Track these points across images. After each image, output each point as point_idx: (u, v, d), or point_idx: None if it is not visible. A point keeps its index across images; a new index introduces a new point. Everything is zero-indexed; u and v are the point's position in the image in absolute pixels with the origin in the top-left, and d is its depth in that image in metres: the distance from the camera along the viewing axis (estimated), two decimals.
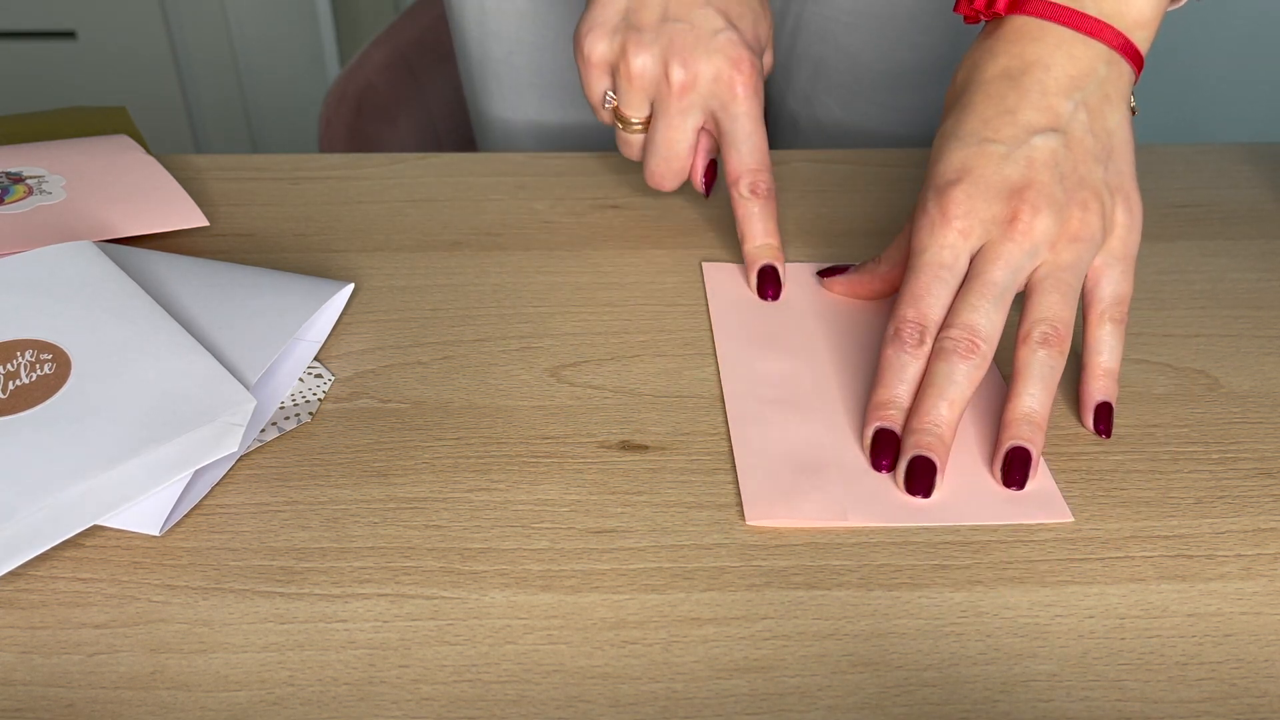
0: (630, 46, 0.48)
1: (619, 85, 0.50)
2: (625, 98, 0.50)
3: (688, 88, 0.48)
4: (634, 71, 0.48)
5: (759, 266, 0.50)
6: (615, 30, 0.49)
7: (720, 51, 0.48)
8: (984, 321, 0.40)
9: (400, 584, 0.35)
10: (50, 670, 0.32)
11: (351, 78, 0.86)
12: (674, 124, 0.49)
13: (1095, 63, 0.43)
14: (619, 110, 0.51)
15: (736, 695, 0.32)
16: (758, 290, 0.49)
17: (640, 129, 0.51)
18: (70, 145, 0.58)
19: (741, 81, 0.48)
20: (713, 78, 0.48)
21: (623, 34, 0.48)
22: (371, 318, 0.48)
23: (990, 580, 0.36)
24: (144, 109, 1.72)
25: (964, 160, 0.42)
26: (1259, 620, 0.35)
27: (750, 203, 0.49)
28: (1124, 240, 0.43)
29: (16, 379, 0.38)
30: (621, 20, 0.49)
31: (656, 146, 0.51)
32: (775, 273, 0.50)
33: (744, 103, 0.48)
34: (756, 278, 0.50)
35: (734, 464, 0.40)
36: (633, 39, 0.48)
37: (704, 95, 0.48)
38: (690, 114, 0.49)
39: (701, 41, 0.48)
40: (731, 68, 0.48)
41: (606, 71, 0.50)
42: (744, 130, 0.49)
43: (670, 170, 0.51)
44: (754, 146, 0.49)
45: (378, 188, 0.59)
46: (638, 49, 0.48)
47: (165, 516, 0.37)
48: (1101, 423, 0.42)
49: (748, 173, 0.49)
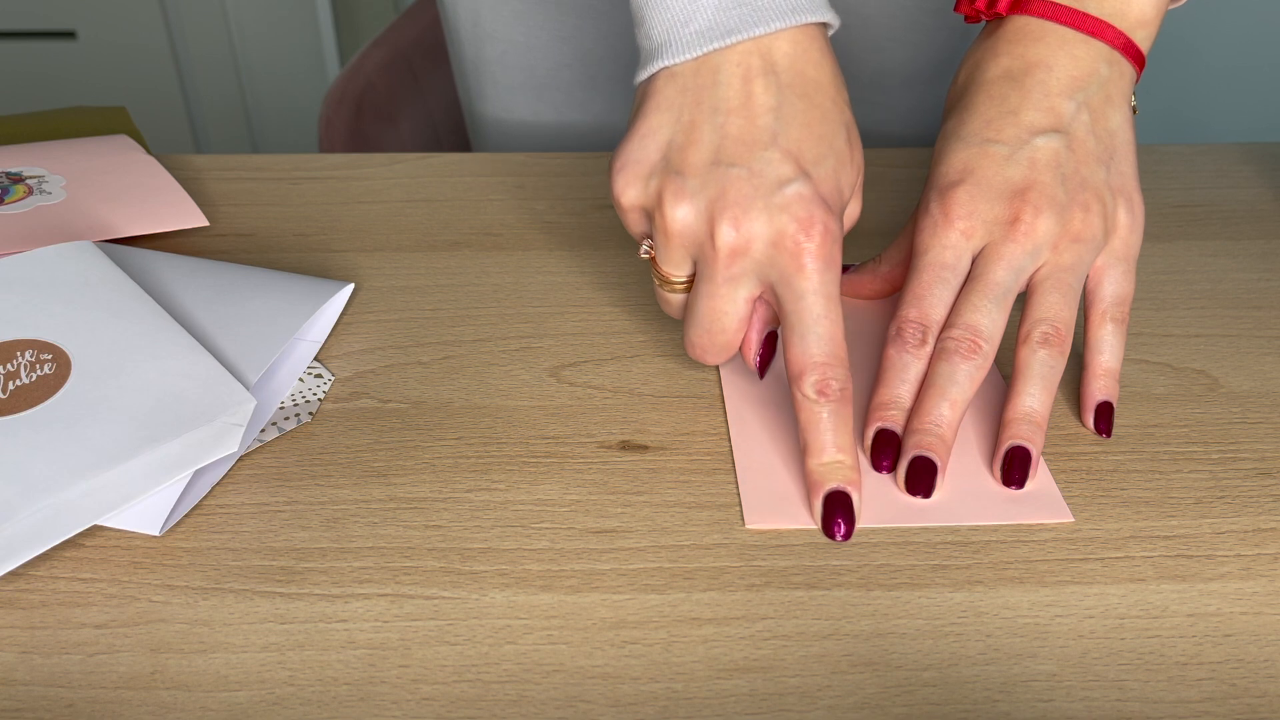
0: (669, 195, 0.38)
1: (656, 239, 0.40)
2: (662, 254, 0.40)
3: (739, 254, 0.38)
4: (672, 226, 0.39)
5: (827, 491, 0.38)
6: (653, 172, 0.39)
7: (786, 210, 0.37)
8: (986, 322, 0.40)
9: (400, 584, 0.35)
10: (50, 670, 0.32)
11: (351, 78, 0.86)
12: (719, 294, 0.39)
13: (1097, 63, 0.43)
14: (655, 264, 0.41)
15: (736, 695, 0.32)
16: (823, 523, 0.38)
17: (682, 289, 0.41)
18: (70, 145, 0.58)
19: (812, 252, 0.37)
20: (772, 243, 0.38)
21: (660, 178, 0.39)
22: (371, 318, 0.48)
23: (990, 580, 0.36)
24: (144, 109, 1.72)
25: (966, 161, 0.42)
26: (1259, 620, 0.35)
27: (817, 407, 0.38)
28: (1125, 241, 0.43)
29: (16, 379, 0.38)
30: (662, 160, 0.39)
31: (698, 317, 0.40)
32: (849, 501, 0.38)
33: (813, 277, 0.38)
34: (823, 505, 0.38)
35: (734, 464, 0.40)
36: (672, 185, 0.38)
37: (760, 263, 0.38)
38: (741, 284, 0.39)
39: (761, 195, 0.37)
40: (799, 231, 0.37)
41: (643, 216, 0.41)
42: (812, 313, 0.38)
43: (714, 344, 0.41)
44: (822, 334, 0.38)
45: (378, 188, 0.59)
46: (678, 199, 0.38)
47: (165, 516, 0.37)
48: (1102, 422, 0.42)
49: (814, 368, 0.38)
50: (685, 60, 0.38)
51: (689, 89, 0.39)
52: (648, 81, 0.40)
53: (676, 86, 0.39)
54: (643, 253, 0.42)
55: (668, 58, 0.39)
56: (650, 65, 0.39)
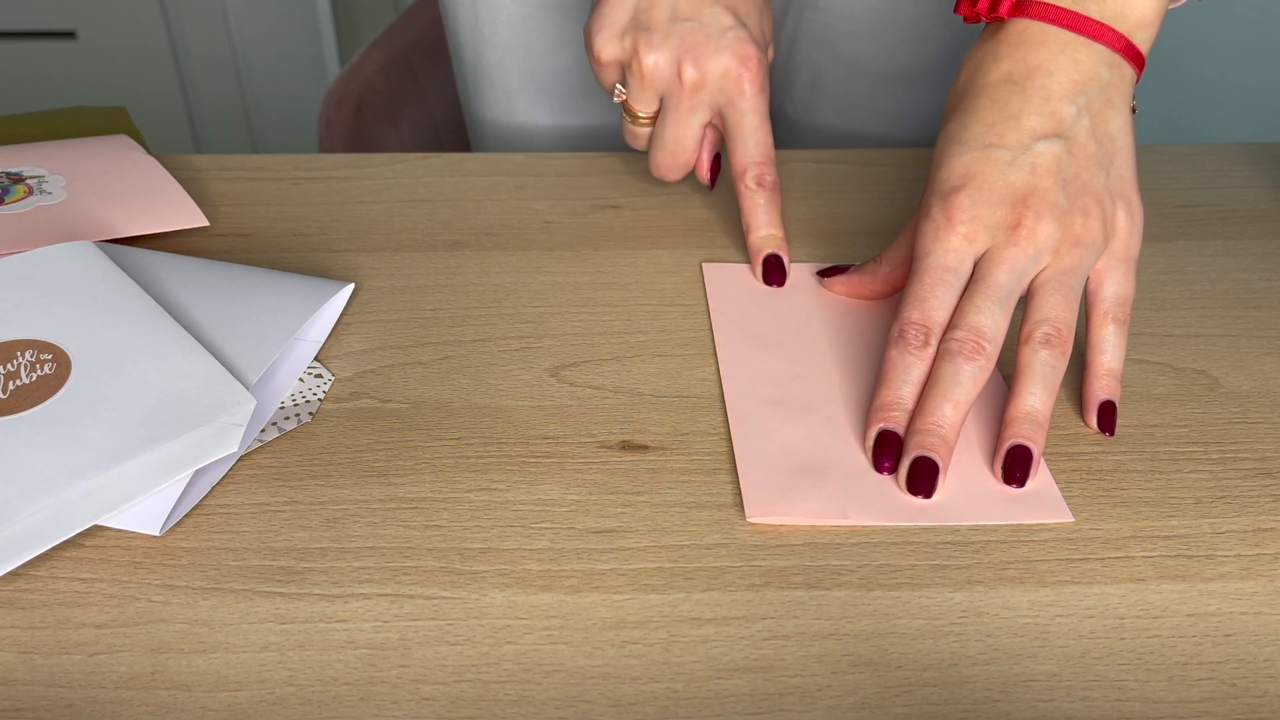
0: (641, 46, 0.49)
1: (630, 83, 0.51)
2: (636, 95, 0.51)
3: (699, 86, 0.49)
4: (646, 71, 0.49)
5: (764, 255, 0.51)
6: (625, 30, 0.50)
7: (729, 49, 0.49)
8: (989, 323, 0.40)
9: (400, 584, 0.35)
10: (50, 670, 0.32)
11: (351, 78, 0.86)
12: (683, 120, 0.51)
13: (1098, 67, 0.43)
14: (627, 104, 0.52)
15: (736, 695, 0.32)
16: (763, 278, 0.51)
17: (648, 123, 0.53)
18: (70, 145, 0.58)
19: (749, 78, 0.49)
20: (722, 74, 0.49)
21: (633, 34, 0.49)
22: (371, 318, 0.48)
23: (990, 580, 0.36)
24: (144, 109, 1.72)
25: (968, 165, 0.42)
26: (1259, 620, 0.35)
27: (756, 194, 0.51)
28: (1125, 243, 0.43)
29: (16, 379, 0.38)
30: (631, 20, 0.50)
31: (664, 141, 0.52)
32: (780, 261, 0.51)
33: (751, 99, 0.50)
34: (762, 267, 0.51)
35: (734, 464, 0.40)
36: (644, 39, 0.49)
37: (713, 93, 0.50)
38: (699, 111, 0.51)
39: (711, 40, 0.49)
40: (740, 65, 0.49)
41: (618, 69, 0.51)
42: (750, 125, 0.50)
43: (676, 163, 0.53)
44: (759, 141, 0.50)
45: (378, 188, 0.59)
46: (649, 49, 0.49)
47: (165, 516, 0.37)
48: (1105, 421, 0.42)
49: (754, 165, 0.51)
50: None
51: None
52: None
53: None
54: (615, 97, 0.52)
55: None
56: None
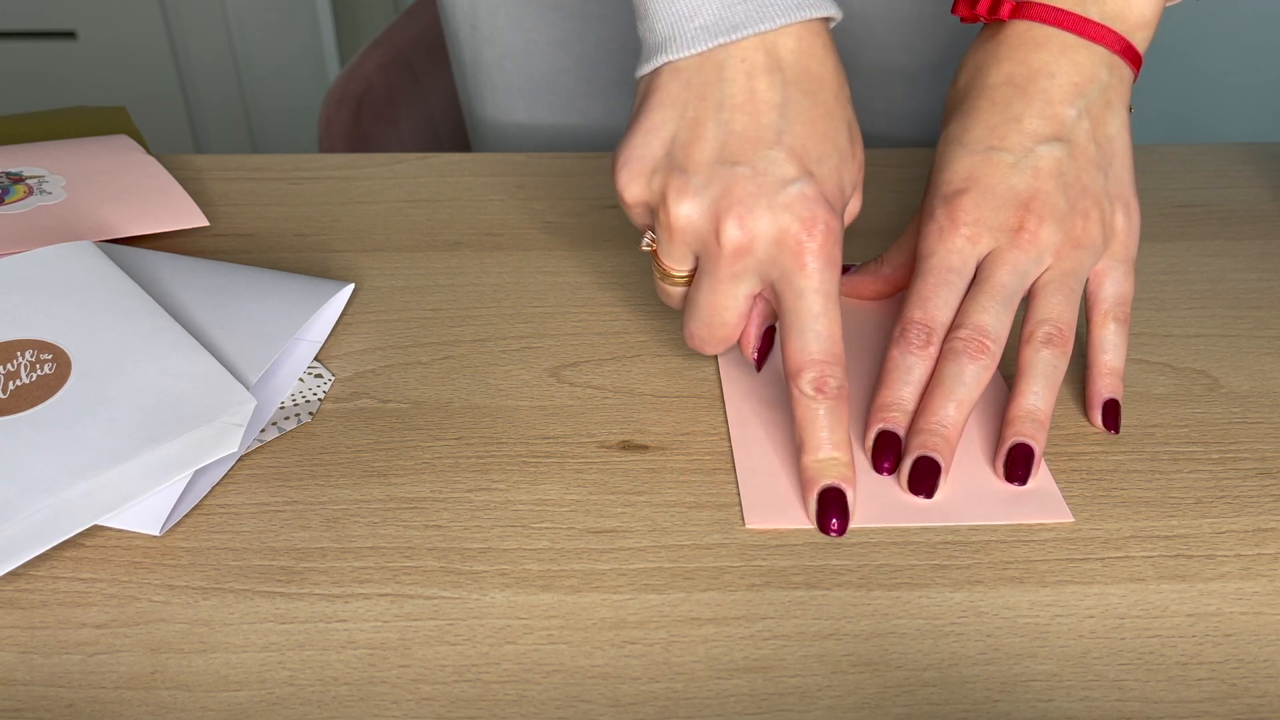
0: (672, 193, 0.39)
1: (659, 233, 0.40)
2: (665, 249, 0.40)
3: (742, 252, 0.38)
4: (676, 223, 0.39)
5: (822, 487, 0.38)
6: (657, 168, 0.39)
7: (789, 210, 0.38)
8: (993, 323, 0.40)
9: (400, 584, 0.35)
10: (50, 670, 0.32)
11: (351, 78, 0.86)
12: (721, 290, 0.40)
13: (1098, 68, 0.43)
14: (657, 257, 0.41)
15: (736, 695, 0.32)
16: (818, 519, 0.38)
17: (683, 282, 0.42)
18: (70, 145, 0.58)
19: (813, 250, 0.38)
20: (775, 241, 0.38)
21: (664, 175, 0.39)
22: (371, 318, 0.48)
23: (990, 580, 0.36)
24: (144, 109, 1.72)
25: (971, 168, 0.42)
26: (1259, 620, 0.35)
27: (814, 404, 0.39)
28: (1124, 244, 0.43)
29: (16, 379, 0.38)
30: (665, 156, 0.39)
31: (699, 310, 0.41)
32: (843, 498, 0.38)
33: (814, 276, 0.38)
34: (818, 501, 0.38)
35: (734, 464, 0.40)
36: (676, 183, 0.39)
37: (762, 262, 0.39)
38: (742, 280, 0.39)
39: (765, 194, 0.38)
40: (802, 231, 0.38)
41: (646, 211, 0.41)
42: (811, 311, 0.38)
43: (713, 337, 0.42)
44: (821, 332, 0.38)
45: (378, 188, 0.59)
46: (681, 196, 0.38)
47: (165, 516, 0.37)
48: (1110, 419, 0.42)
49: (812, 365, 0.38)
50: (689, 55, 0.38)
51: (693, 84, 0.38)
52: (651, 76, 0.40)
53: (680, 82, 0.39)
54: (645, 245, 0.42)
55: (672, 52, 0.38)
56: (653, 59, 0.39)
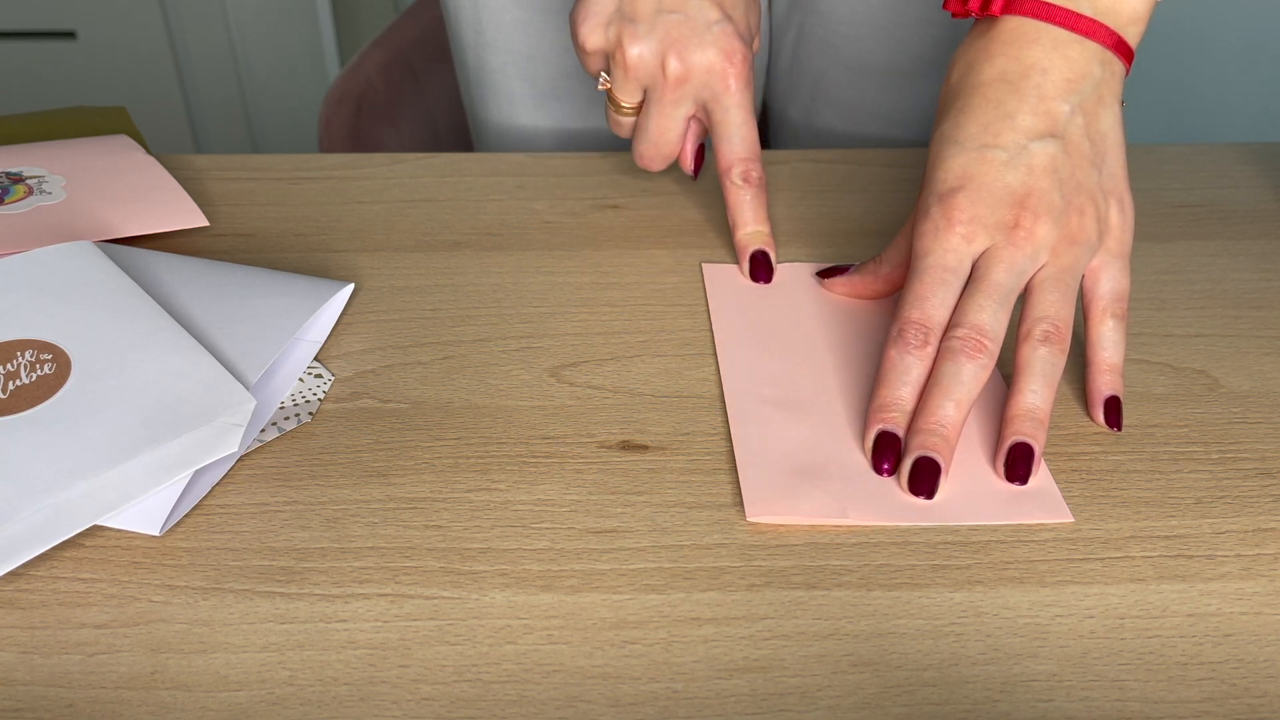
0: (626, 38, 0.49)
1: (614, 73, 0.51)
2: (619, 85, 0.51)
3: (682, 80, 0.49)
4: (629, 63, 0.49)
5: (751, 251, 0.51)
6: (610, 20, 0.50)
7: (714, 44, 0.49)
8: (990, 321, 0.40)
9: (400, 584, 0.35)
10: (50, 670, 0.32)
11: (351, 78, 0.86)
12: (666, 113, 0.51)
13: (1090, 64, 0.43)
14: (611, 93, 0.52)
15: (736, 695, 0.32)
16: (750, 274, 0.51)
17: (632, 112, 0.53)
18: (70, 145, 0.58)
19: (734, 74, 0.49)
20: (706, 69, 0.49)
21: (618, 24, 0.49)
22: (371, 318, 0.48)
23: (990, 580, 0.36)
24: (144, 109, 1.72)
25: (965, 166, 0.42)
26: (1259, 620, 0.35)
27: (742, 190, 0.51)
28: (1119, 239, 0.43)
29: (16, 379, 0.38)
30: (616, 10, 0.50)
31: (648, 133, 0.52)
32: (767, 258, 0.51)
33: (736, 94, 0.50)
34: (749, 263, 0.51)
35: (734, 464, 0.40)
36: (628, 30, 0.49)
37: (697, 87, 0.50)
38: (682, 104, 0.51)
39: (696, 33, 0.49)
40: (725, 60, 0.49)
41: (602, 58, 0.52)
42: (735, 121, 0.50)
43: (659, 154, 0.53)
44: (744, 136, 0.50)
45: (378, 188, 0.59)
46: (633, 40, 0.49)
47: (165, 516, 0.37)
48: (1112, 416, 0.42)
49: (739, 161, 0.50)
50: None
51: None
52: None
53: None
54: (600, 85, 0.52)
55: None
56: None
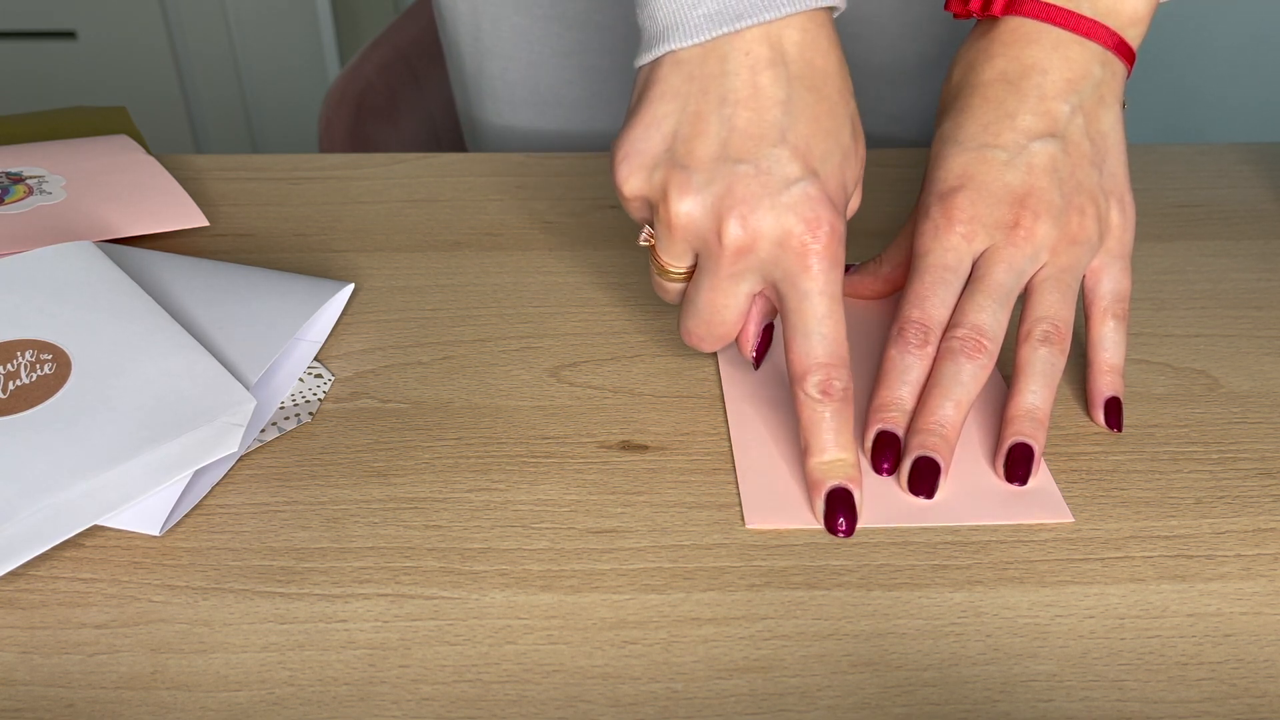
0: (674, 190, 0.38)
1: (658, 230, 0.39)
2: (664, 246, 0.40)
3: (744, 252, 0.38)
4: (676, 220, 0.38)
5: (829, 489, 0.38)
6: (657, 164, 0.38)
7: (792, 210, 0.37)
8: (990, 321, 0.40)
9: (400, 584, 0.35)
10: (50, 670, 0.32)
11: (351, 78, 0.86)
12: (721, 288, 0.39)
13: (1091, 64, 0.43)
14: (654, 252, 0.41)
15: (736, 695, 0.32)
16: (826, 519, 0.38)
17: (681, 279, 0.41)
18: (70, 145, 0.58)
19: (817, 252, 0.37)
20: (778, 242, 0.37)
21: (665, 170, 0.38)
22: (371, 318, 0.48)
23: (990, 580, 0.36)
24: (144, 109, 1.72)
25: (965, 166, 0.42)
26: (1259, 620, 0.35)
27: (820, 407, 0.38)
28: (1120, 240, 0.43)
29: (16, 379, 0.38)
30: (667, 151, 0.38)
31: (697, 308, 0.40)
32: (850, 499, 0.38)
33: (818, 278, 0.37)
34: (825, 502, 0.38)
35: (734, 464, 0.40)
36: (678, 179, 0.38)
37: (765, 262, 0.38)
38: (744, 280, 0.39)
39: (768, 193, 0.37)
40: (806, 232, 0.37)
41: (645, 205, 0.40)
42: (816, 314, 0.38)
43: (711, 334, 0.41)
44: (826, 334, 0.38)
45: (378, 188, 0.59)
46: (683, 192, 0.37)
47: (165, 516, 0.37)
48: (1113, 417, 0.42)
49: (818, 369, 0.38)
50: (692, 45, 0.37)
51: (695, 77, 0.37)
52: (651, 66, 0.39)
53: (683, 74, 0.38)
54: (642, 240, 0.41)
55: (674, 41, 0.37)
56: (654, 49, 0.38)
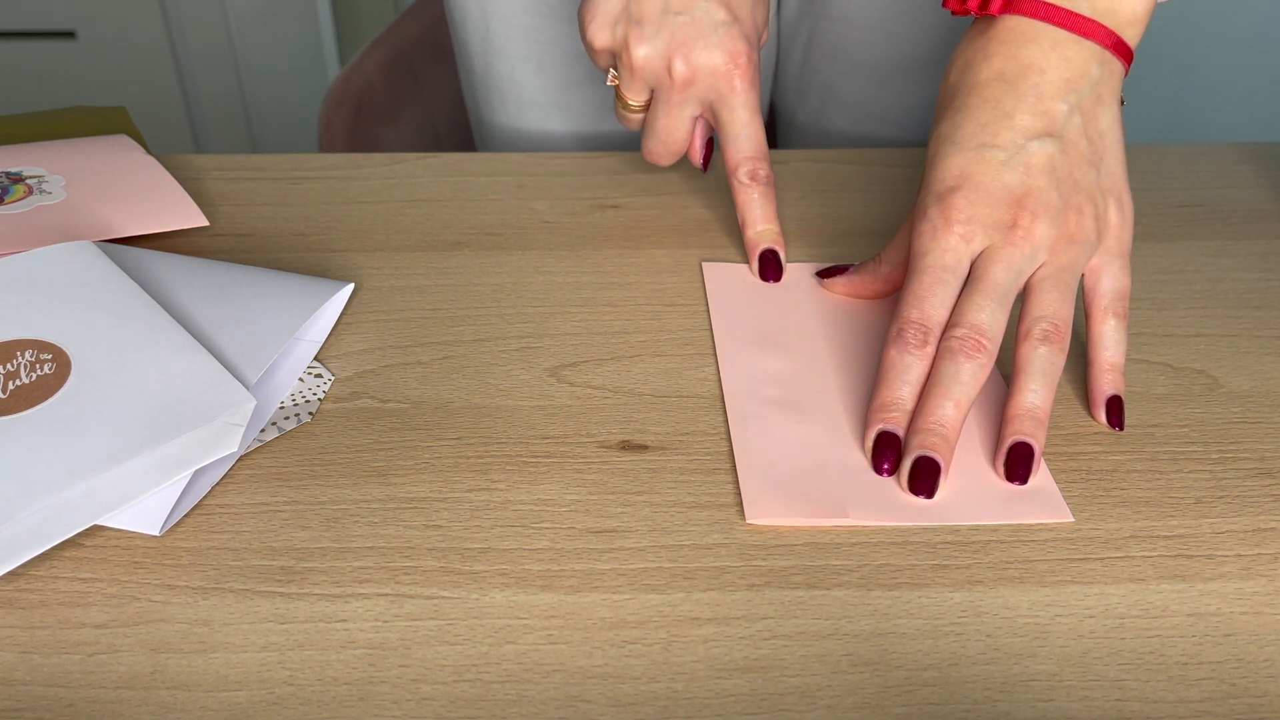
0: (632, 39, 0.49)
1: (621, 73, 0.51)
2: (626, 85, 0.52)
3: (688, 82, 0.50)
4: (636, 64, 0.50)
5: (760, 250, 0.51)
6: (617, 20, 0.50)
7: (720, 46, 0.49)
8: (989, 321, 0.40)
9: (400, 584, 0.35)
10: (50, 670, 0.32)
11: (351, 78, 0.86)
12: (673, 113, 0.52)
13: (1089, 64, 0.43)
14: (619, 90, 0.53)
15: (736, 695, 0.32)
16: (759, 273, 0.51)
17: (640, 110, 0.53)
18: (70, 145, 0.58)
19: (739, 75, 0.50)
20: (711, 71, 0.50)
21: (624, 25, 0.50)
22: (371, 318, 0.48)
23: (990, 580, 0.36)
24: (144, 109, 1.72)
25: (963, 166, 0.42)
26: (1259, 620, 0.35)
27: (750, 189, 0.51)
28: (1118, 238, 0.43)
29: (16, 379, 0.38)
30: (623, 10, 0.50)
31: (655, 131, 0.53)
32: (777, 257, 0.51)
33: (741, 95, 0.50)
34: (759, 262, 0.51)
35: (734, 464, 0.40)
36: (634, 31, 0.49)
37: (702, 89, 0.50)
38: (689, 105, 0.51)
39: (702, 35, 0.49)
40: (730, 62, 0.49)
41: (609, 56, 0.52)
42: (741, 120, 0.50)
43: (668, 151, 0.54)
44: (750, 135, 0.51)
45: (378, 188, 0.59)
46: (639, 41, 0.49)
47: (165, 516, 0.37)
48: (1114, 416, 0.42)
49: (746, 161, 0.51)
50: None
51: None
52: None
53: None
54: (608, 82, 0.53)
55: None
56: None
